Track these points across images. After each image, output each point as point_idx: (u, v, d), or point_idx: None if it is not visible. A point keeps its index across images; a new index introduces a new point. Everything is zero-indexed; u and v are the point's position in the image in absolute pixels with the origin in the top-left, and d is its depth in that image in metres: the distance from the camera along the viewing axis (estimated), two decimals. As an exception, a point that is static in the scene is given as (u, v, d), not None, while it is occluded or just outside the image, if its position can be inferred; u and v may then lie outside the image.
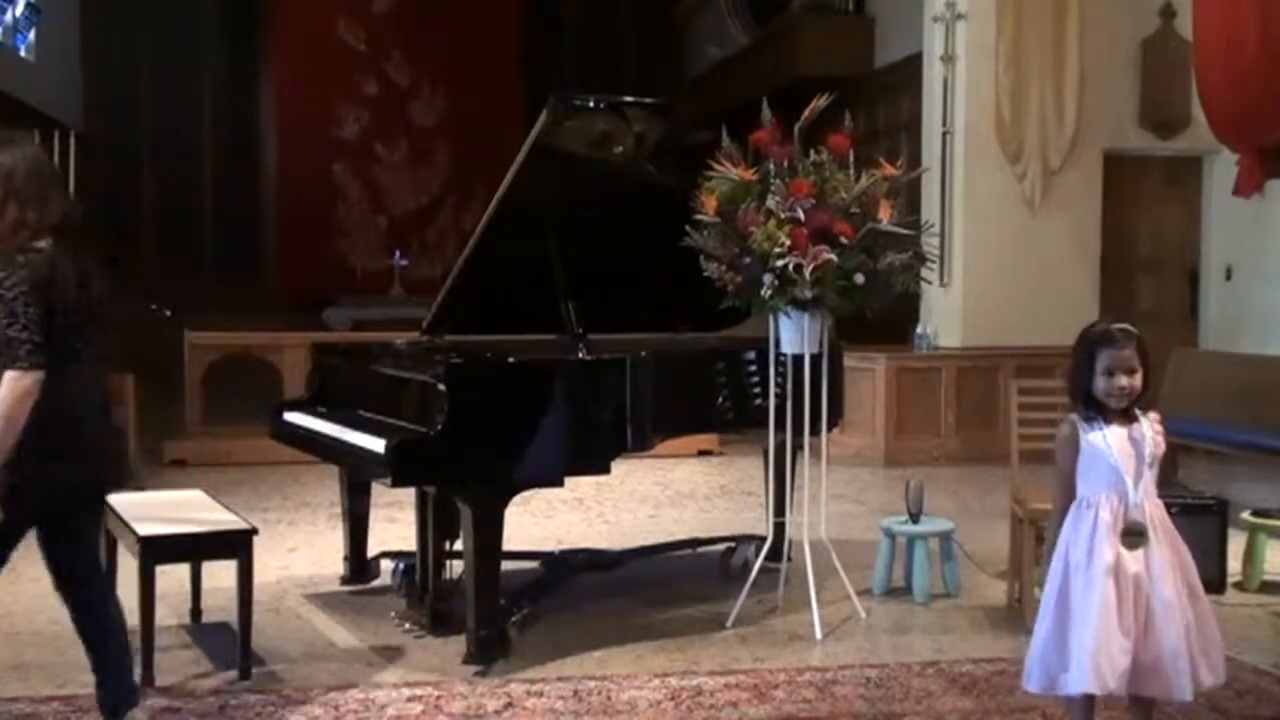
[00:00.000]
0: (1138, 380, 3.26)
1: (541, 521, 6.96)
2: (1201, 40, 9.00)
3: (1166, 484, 3.43)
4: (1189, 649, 3.18)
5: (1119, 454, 3.25)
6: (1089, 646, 3.16)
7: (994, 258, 9.74)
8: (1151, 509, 3.26)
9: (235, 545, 4.29)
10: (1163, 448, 3.31)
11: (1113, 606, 3.18)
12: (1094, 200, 10.03)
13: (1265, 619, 5.15)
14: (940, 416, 9.45)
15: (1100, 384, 3.27)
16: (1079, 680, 3.18)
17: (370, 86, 17.67)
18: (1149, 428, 3.28)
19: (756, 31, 14.85)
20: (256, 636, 4.43)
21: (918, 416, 9.40)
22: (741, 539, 5.83)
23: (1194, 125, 9.85)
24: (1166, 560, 3.23)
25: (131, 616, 4.32)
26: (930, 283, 9.12)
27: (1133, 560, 3.22)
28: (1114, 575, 3.20)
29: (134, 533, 4.24)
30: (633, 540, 6.19)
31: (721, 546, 5.88)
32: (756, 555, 5.25)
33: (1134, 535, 3.23)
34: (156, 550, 4.20)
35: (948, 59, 9.75)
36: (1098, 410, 3.30)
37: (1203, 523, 5.35)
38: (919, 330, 9.77)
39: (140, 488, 6.85)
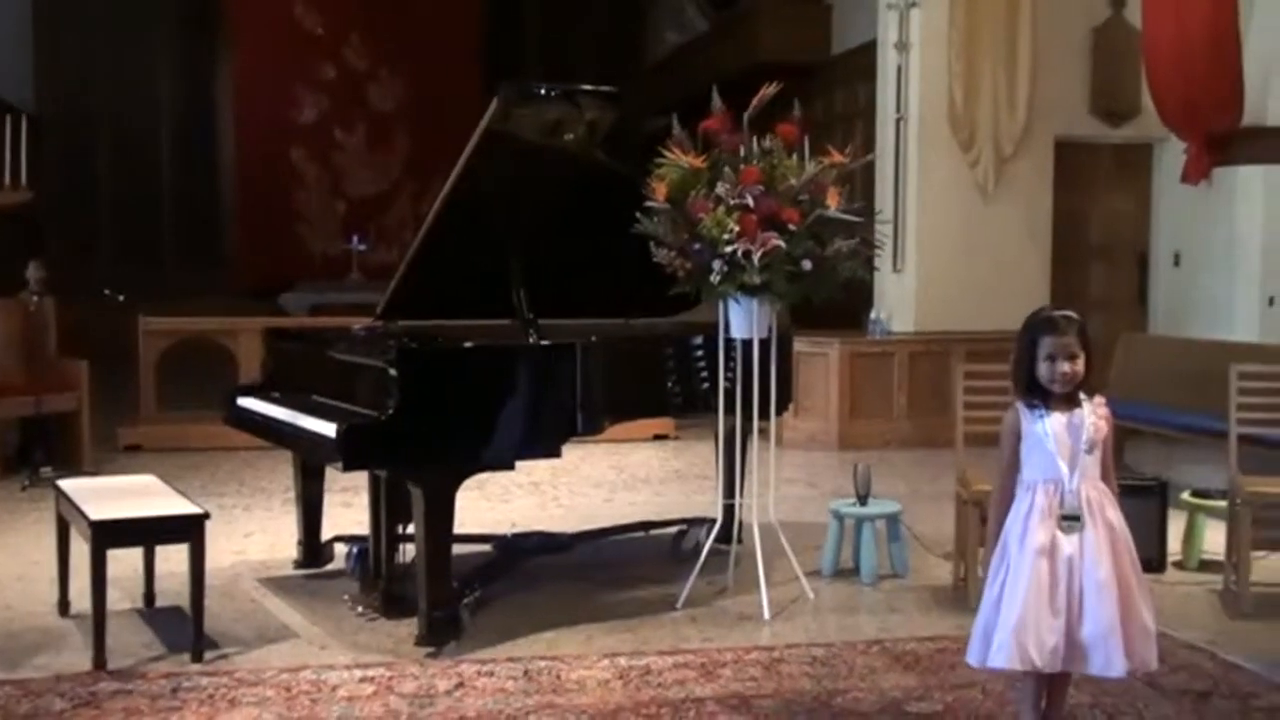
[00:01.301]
0: (1079, 366, 3.33)
1: (497, 505, 7.00)
2: (1150, 29, 9.14)
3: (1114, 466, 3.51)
4: (1122, 628, 3.27)
5: (1057, 441, 3.33)
6: (1012, 624, 3.26)
7: (947, 244, 9.85)
8: (1089, 492, 3.34)
9: (187, 529, 4.32)
10: (1104, 432, 3.37)
11: (1044, 587, 3.27)
12: (1045, 187, 10.14)
13: (1202, 596, 5.27)
14: (893, 401, 9.55)
15: (1043, 370, 3.34)
16: (1001, 655, 3.28)
17: (328, 71, 17.59)
18: (1090, 413, 3.36)
19: (715, 18, 14.90)
20: (210, 621, 4.47)
21: (871, 401, 9.49)
22: (693, 522, 5.90)
23: (1144, 113, 9.99)
24: (1102, 542, 3.31)
25: (83, 600, 4.38)
26: (879, 269, 9.23)
27: (1068, 543, 3.30)
28: (1048, 557, 3.29)
29: (85, 517, 4.27)
30: (587, 523, 6.24)
31: (673, 529, 5.95)
32: (707, 537, 5.33)
33: (1070, 520, 3.31)
34: (108, 534, 4.23)
35: (901, 46, 9.82)
36: (1041, 397, 3.38)
37: (1143, 503, 5.46)
38: (872, 315, 9.85)
39: (94, 473, 6.87)
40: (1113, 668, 3.27)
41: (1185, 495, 5.82)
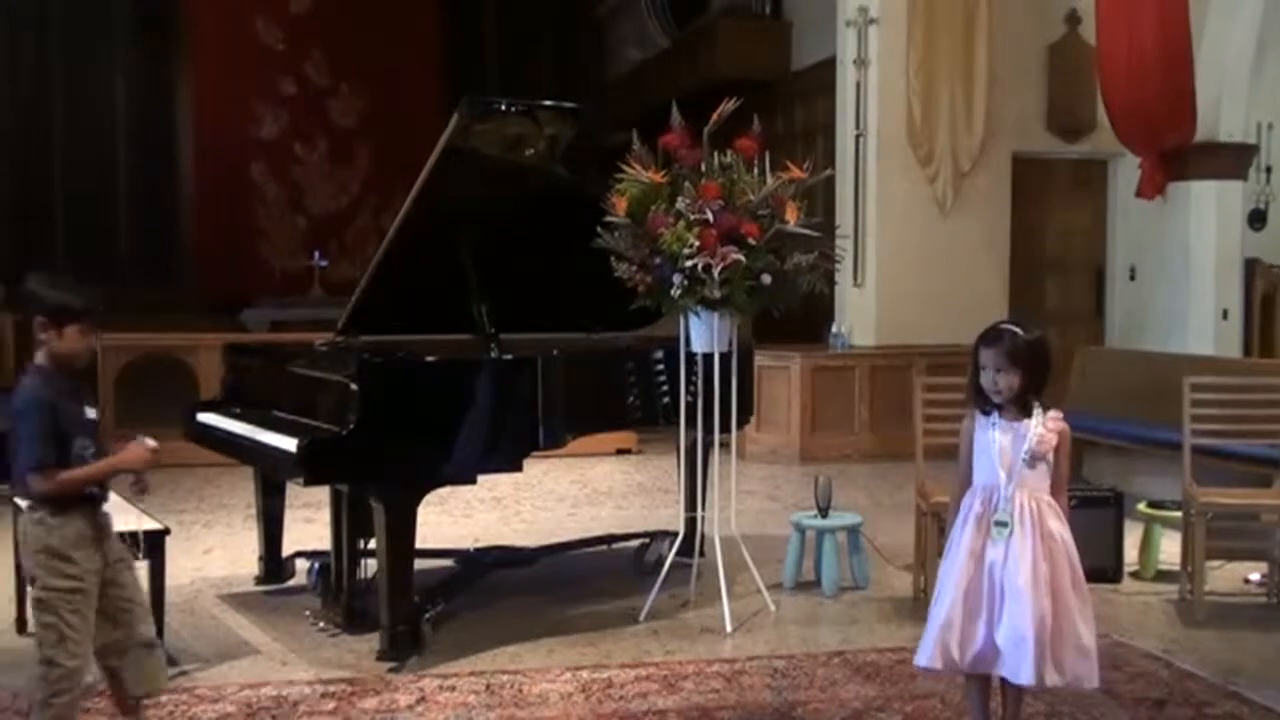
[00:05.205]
0: (1010, 379, 3.39)
1: (459, 520, 6.99)
2: (1104, 47, 9.28)
3: (1072, 478, 3.57)
4: (1039, 638, 3.30)
5: (999, 449, 3.41)
6: (939, 624, 3.36)
7: (906, 258, 9.93)
8: (1024, 501, 3.39)
9: (148, 545, 4.29)
10: (1049, 444, 3.41)
11: (969, 589, 3.35)
12: (1003, 202, 10.25)
13: (1158, 606, 5.34)
14: (854, 414, 9.61)
15: (983, 379, 3.43)
16: (924, 655, 3.39)
17: (289, 86, 17.52)
18: (1038, 425, 3.41)
19: (676, 34, 14.96)
20: (170, 637, 4.45)
21: (832, 414, 9.55)
22: (655, 535, 5.92)
23: (1099, 129, 10.13)
24: (1027, 550, 3.35)
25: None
26: (839, 283, 9.29)
27: (993, 548, 3.38)
28: (976, 560, 3.38)
29: (43, 534, 4.22)
30: (550, 538, 6.25)
31: (636, 543, 5.97)
32: (669, 551, 5.35)
33: (998, 525, 3.38)
34: (66, 551, 4.18)
35: (860, 63, 9.91)
36: (992, 405, 3.44)
37: (1100, 514, 5.56)
38: (834, 329, 9.92)
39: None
40: (1021, 674, 3.32)
41: (1141, 506, 5.89)
